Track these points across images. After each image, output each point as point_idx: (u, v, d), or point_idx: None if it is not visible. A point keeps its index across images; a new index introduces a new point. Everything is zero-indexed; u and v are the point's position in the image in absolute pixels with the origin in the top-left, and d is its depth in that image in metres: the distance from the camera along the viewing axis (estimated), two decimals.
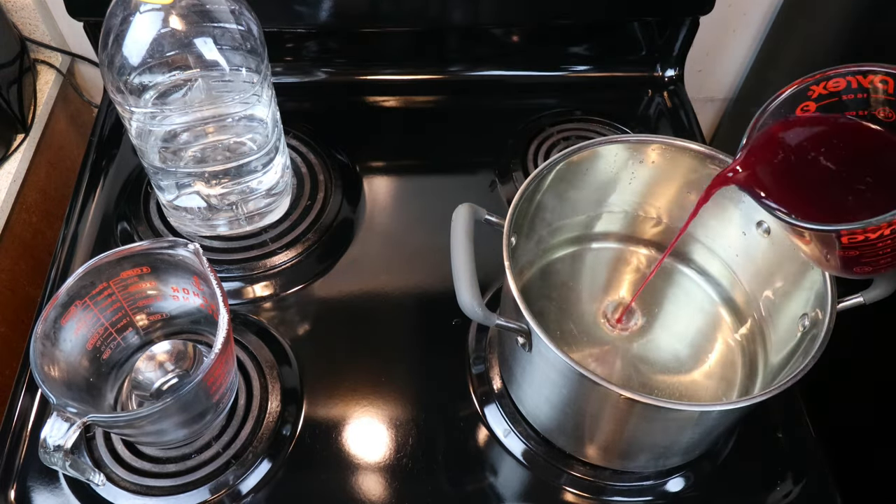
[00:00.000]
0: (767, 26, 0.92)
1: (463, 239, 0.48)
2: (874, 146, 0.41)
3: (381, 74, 0.83)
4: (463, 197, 0.53)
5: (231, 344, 0.52)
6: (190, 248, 0.51)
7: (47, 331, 0.49)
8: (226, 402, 0.55)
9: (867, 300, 0.48)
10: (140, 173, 0.71)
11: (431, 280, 0.66)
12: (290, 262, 0.66)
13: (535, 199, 0.55)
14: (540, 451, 0.56)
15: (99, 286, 0.52)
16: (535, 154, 0.75)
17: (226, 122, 0.61)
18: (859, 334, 0.60)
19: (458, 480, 0.56)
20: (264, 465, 0.55)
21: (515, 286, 0.47)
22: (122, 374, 0.57)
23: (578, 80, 0.84)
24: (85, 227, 0.69)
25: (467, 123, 0.80)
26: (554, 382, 0.50)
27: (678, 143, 0.55)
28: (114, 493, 0.53)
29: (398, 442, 0.57)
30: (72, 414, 0.45)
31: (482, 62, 0.84)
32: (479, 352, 0.62)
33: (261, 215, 0.67)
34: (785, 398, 0.59)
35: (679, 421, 0.48)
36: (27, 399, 0.58)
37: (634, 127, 0.78)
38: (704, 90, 1.02)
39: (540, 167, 0.54)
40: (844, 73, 0.39)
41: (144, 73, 0.54)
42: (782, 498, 0.56)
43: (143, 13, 0.52)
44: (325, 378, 0.60)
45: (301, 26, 0.77)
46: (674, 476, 0.56)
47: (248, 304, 0.64)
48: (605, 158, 0.56)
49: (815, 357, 0.45)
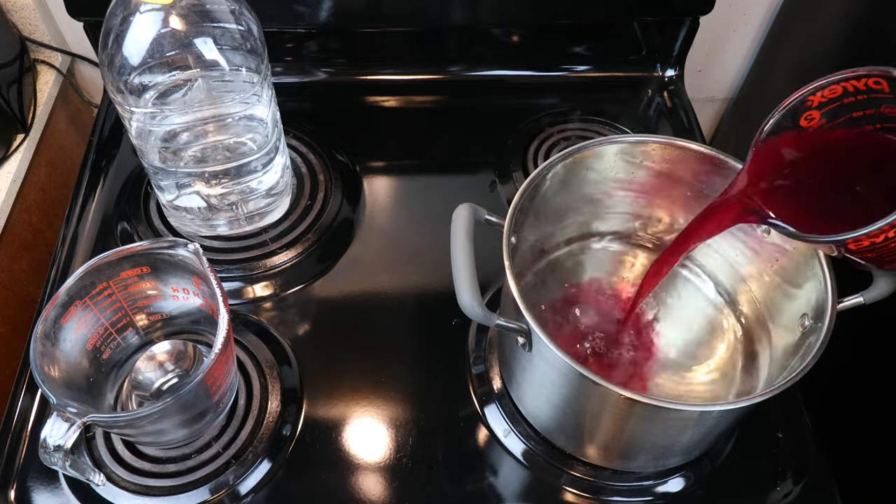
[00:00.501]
0: (767, 26, 0.92)
1: (463, 239, 0.48)
2: (871, 152, 0.41)
3: (381, 74, 0.83)
4: (463, 197, 0.53)
5: (231, 344, 0.52)
6: (190, 248, 0.51)
7: (47, 331, 0.49)
8: (226, 402, 0.55)
9: (867, 300, 0.48)
10: (140, 173, 0.71)
11: (431, 280, 0.66)
12: (290, 262, 0.66)
13: (535, 199, 0.55)
14: (540, 451, 0.56)
15: (99, 286, 0.52)
16: (535, 154, 0.75)
17: (226, 122, 0.61)
18: (859, 334, 0.60)
19: (458, 480, 0.56)
20: (264, 465, 0.55)
21: (515, 286, 0.47)
22: (122, 374, 0.57)
23: (578, 80, 0.84)
24: (85, 227, 0.69)
25: (467, 123, 0.80)
26: (554, 382, 0.50)
27: (678, 143, 0.55)
28: (114, 493, 0.53)
29: (398, 442, 0.57)
30: (72, 414, 0.45)
31: (482, 62, 0.84)
32: (479, 352, 0.62)
33: (261, 215, 0.67)
34: (785, 398, 0.59)
35: (679, 421, 0.48)
36: (27, 399, 0.58)
37: (634, 127, 0.78)
38: (704, 90, 1.02)
39: (540, 167, 0.54)
40: (838, 79, 0.40)
41: (144, 73, 0.54)
42: (782, 498, 0.56)
43: (143, 13, 0.52)
44: (325, 378, 0.60)
45: (301, 26, 0.77)
46: (674, 476, 0.56)
47: (248, 304, 0.64)
48: (605, 158, 0.56)
49: (815, 357, 0.45)
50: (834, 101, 0.41)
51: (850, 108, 0.40)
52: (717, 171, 0.55)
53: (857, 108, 0.40)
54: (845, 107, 0.41)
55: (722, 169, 0.54)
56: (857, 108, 0.40)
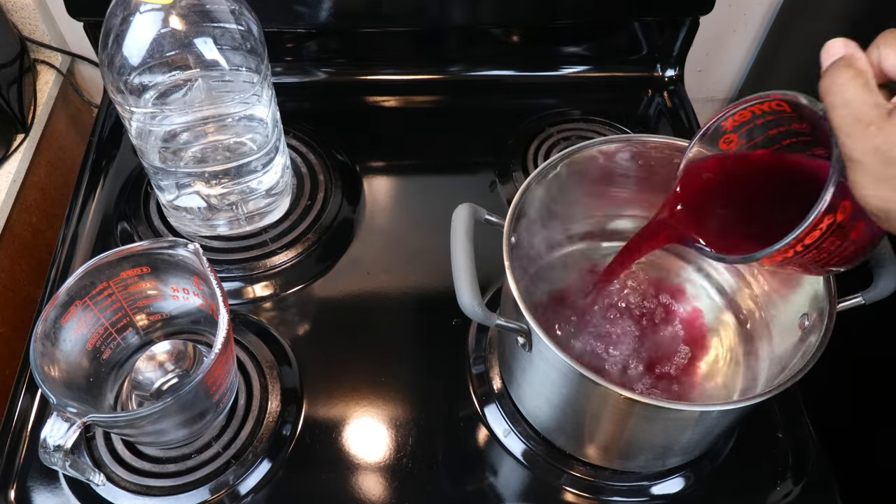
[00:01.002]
0: (767, 26, 0.92)
1: (463, 239, 0.48)
2: (786, 170, 0.43)
3: (381, 74, 0.83)
4: (463, 197, 0.53)
5: (231, 344, 0.52)
6: (190, 248, 0.51)
7: (47, 331, 0.49)
8: (226, 402, 0.55)
9: (867, 300, 0.48)
10: (140, 173, 0.71)
11: (431, 280, 0.66)
12: (290, 262, 0.66)
13: (535, 199, 0.55)
14: (540, 451, 0.56)
15: (99, 286, 0.52)
16: (535, 154, 0.75)
17: (226, 122, 0.61)
18: (859, 334, 0.60)
19: (458, 480, 0.56)
20: (264, 465, 0.55)
21: (515, 286, 0.47)
22: (122, 374, 0.57)
23: (578, 80, 0.84)
24: (85, 227, 0.69)
25: (467, 123, 0.80)
26: (554, 382, 0.50)
27: (678, 143, 0.55)
28: (114, 493, 0.53)
29: (398, 442, 0.57)
30: (72, 414, 0.45)
31: (482, 62, 0.84)
32: (479, 352, 0.62)
33: (261, 215, 0.67)
34: (785, 398, 0.59)
35: (679, 421, 0.48)
36: (27, 399, 0.58)
37: (634, 127, 0.78)
38: (704, 90, 1.02)
39: (540, 167, 0.54)
40: (744, 106, 0.41)
41: (144, 73, 0.54)
42: (782, 498, 0.56)
43: (143, 13, 0.52)
44: (325, 378, 0.60)
45: (301, 26, 0.77)
46: (674, 476, 0.56)
47: (248, 304, 0.64)
48: (605, 158, 0.56)
49: (815, 357, 0.45)
50: (746, 124, 0.42)
51: (764, 127, 0.42)
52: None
53: (770, 127, 0.42)
54: (759, 127, 0.42)
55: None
56: (770, 126, 0.42)
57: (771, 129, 0.42)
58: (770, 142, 0.42)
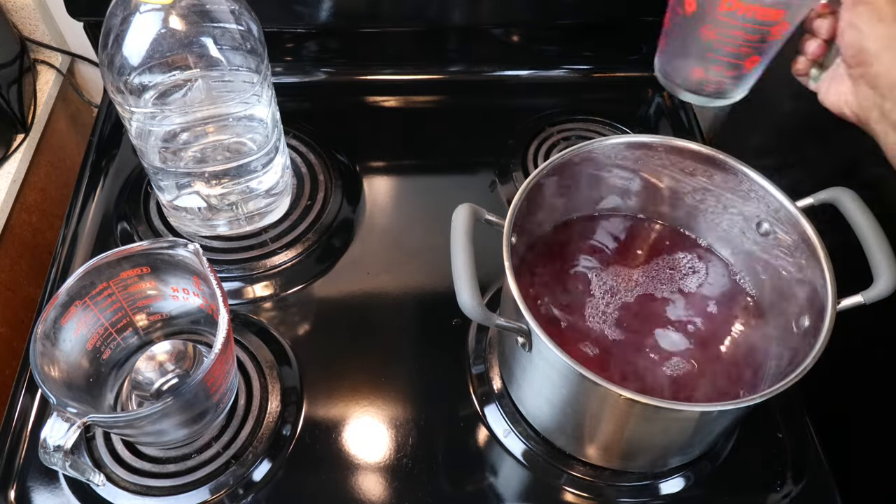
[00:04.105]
0: None
1: (463, 239, 0.48)
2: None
3: (381, 74, 0.83)
4: (463, 197, 0.53)
5: (231, 344, 0.52)
6: (190, 248, 0.51)
7: (47, 331, 0.49)
8: (226, 402, 0.55)
9: (867, 300, 0.48)
10: (140, 173, 0.71)
11: (431, 280, 0.66)
12: (290, 262, 0.66)
13: (535, 199, 0.55)
14: (540, 451, 0.57)
15: (99, 286, 0.52)
16: (535, 154, 0.75)
17: (226, 122, 0.61)
18: (859, 334, 0.60)
19: (458, 480, 0.56)
20: (264, 465, 0.55)
21: (515, 286, 0.47)
22: (122, 374, 0.57)
23: (578, 80, 0.84)
24: (85, 227, 0.69)
25: (467, 123, 0.80)
26: (554, 382, 0.50)
27: (678, 143, 0.55)
28: (114, 493, 0.53)
29: (398, 442, 0.57)
30: (72, 414, 0.45)
31: (482, 62, 0.84)
32: (479, 352, 0.62)
33: (261, 215, 0.67)
34: (785, 398, 0.59)
35: (679, 421, 0.48)
36: (27, 399, 0.58)
37: (634, 127, 0.78)
38: None
39: (540, 167, 0.54)
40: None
41: (144, 73, 0.54)
42: (782, 498, 0.56)
43: (143, 13, 0.52)
44: (325, 378, 0.60)
45: (301, 26, 0.77)
46: (674, 476, 0.56)
47: (248, 304, 0.64)
48: (606, 158, 0.56)
49: (815, 357, 0.45)
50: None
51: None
52: (718, 170, 0.55)
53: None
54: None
55: (722, 169, 0.54)
56: None
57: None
58: None
